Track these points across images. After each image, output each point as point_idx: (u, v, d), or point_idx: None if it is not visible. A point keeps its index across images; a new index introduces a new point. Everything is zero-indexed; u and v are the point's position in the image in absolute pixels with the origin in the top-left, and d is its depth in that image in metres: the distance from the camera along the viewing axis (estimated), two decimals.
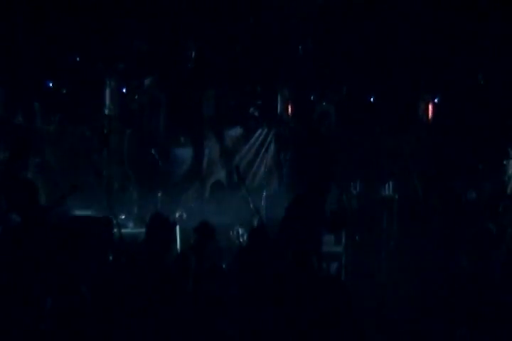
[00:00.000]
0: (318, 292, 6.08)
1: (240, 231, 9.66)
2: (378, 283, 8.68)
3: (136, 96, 11.69)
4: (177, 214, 10.47)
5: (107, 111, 11.41)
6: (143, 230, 7.33)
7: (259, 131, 12.28)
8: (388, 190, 10.44)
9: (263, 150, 12.24)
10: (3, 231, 7.53)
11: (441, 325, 7.11)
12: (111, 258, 7.89)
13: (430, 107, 11.39)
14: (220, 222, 8.56)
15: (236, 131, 12.27)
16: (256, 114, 12.24)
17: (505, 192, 10.18)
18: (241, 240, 9.52)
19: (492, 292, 7.50)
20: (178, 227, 8.77)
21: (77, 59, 11.15)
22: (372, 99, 11.67)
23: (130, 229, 10.32)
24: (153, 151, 11.45)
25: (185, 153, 12.03)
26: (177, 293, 6.30)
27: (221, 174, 12.10)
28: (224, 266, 7.26)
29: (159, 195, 11.07)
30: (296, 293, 6.10)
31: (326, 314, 5.90)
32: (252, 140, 12.24)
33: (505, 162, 10.38)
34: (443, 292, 7.79)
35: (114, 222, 7.97)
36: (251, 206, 8.34)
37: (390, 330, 7.05)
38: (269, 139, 12.26)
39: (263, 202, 10.76)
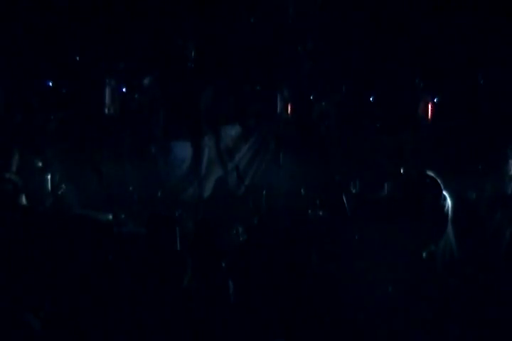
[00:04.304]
0: (316, 291, 6.09)
1: (240, 229, 9.67)
2: (377, 283, 8.68)
3: (136, 96, 11.71)
4: (176, 214, 10.47)
5: (106, 111, 11.45)
6: (143, 230, 7.34)
7: (258, 131, 12.28)
8: (388, 190, 10.44)
9: (263, 149, 12.24)
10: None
11: (440, 325, 7.12)
12: (110, 258, 7.89)
13: (430, 107, 11.39)
14: (219, 220, 8.58)
15: (236, 131, 12.28)
16: (256, 113, 12.25)
17: (506, 193, 10.18)
18: (241, 239, 9.54)
19: (491, 293, 7.51)
20: (177, 227, 8.77)
21: (77, 58, 11.17)
22: (372, 99, 11.68)
23: (130, 228, 10.31)
24: (153, 150, 11.47)
25: (184, 153, 12.04)
26: (177, 292, 6.31)
27: (221, 173, 12.11)
28: (224, 264, 7.27)
29: (159, 194, 11.07)
30: (294, 293, 6.11)
31: (325, 313, 5.92)
32: (252, 139, 12.24)
33: (505, 162, 10.39)
34: (443, 292, 7.80)
35: (114, 221, 7.98)
36: (251, 205, 8.36)
37: (387, 329, 7.05)
38: (268, 139, 12.26)
39: (263, 201, 10.77)
